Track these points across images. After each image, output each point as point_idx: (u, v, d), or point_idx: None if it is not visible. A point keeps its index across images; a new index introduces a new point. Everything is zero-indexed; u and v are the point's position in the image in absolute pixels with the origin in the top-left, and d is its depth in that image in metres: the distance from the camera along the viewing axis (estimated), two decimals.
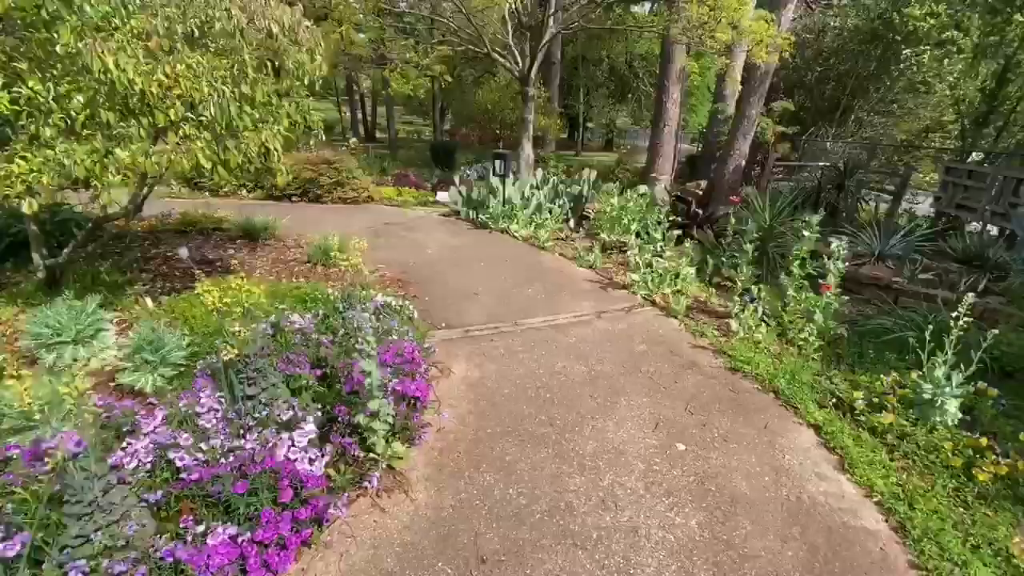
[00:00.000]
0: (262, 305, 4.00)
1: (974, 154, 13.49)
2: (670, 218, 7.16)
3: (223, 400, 2.77)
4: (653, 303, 5.53)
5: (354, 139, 18.18)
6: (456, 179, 8.68)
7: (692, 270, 6.17)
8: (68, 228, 5.35)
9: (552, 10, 11.13)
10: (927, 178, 13.63)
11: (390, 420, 2.83)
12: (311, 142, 4.98)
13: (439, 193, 10.26)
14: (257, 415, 2.73)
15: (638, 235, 7.32)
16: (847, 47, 15.61)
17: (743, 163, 12.99)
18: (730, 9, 9.20)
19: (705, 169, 16.71)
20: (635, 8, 19.55)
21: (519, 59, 10.73)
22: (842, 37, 15.60)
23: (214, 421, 2.65)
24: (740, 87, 13.87)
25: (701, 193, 7.69)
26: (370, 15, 9.76)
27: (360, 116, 32.54)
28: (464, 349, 4.33)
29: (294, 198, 9.21)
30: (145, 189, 4.82)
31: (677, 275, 6.01)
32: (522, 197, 8.39)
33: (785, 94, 15.64)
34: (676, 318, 5.16)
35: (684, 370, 4.13)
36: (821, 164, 13.27)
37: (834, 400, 3.84)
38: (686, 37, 10.19)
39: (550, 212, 8.33)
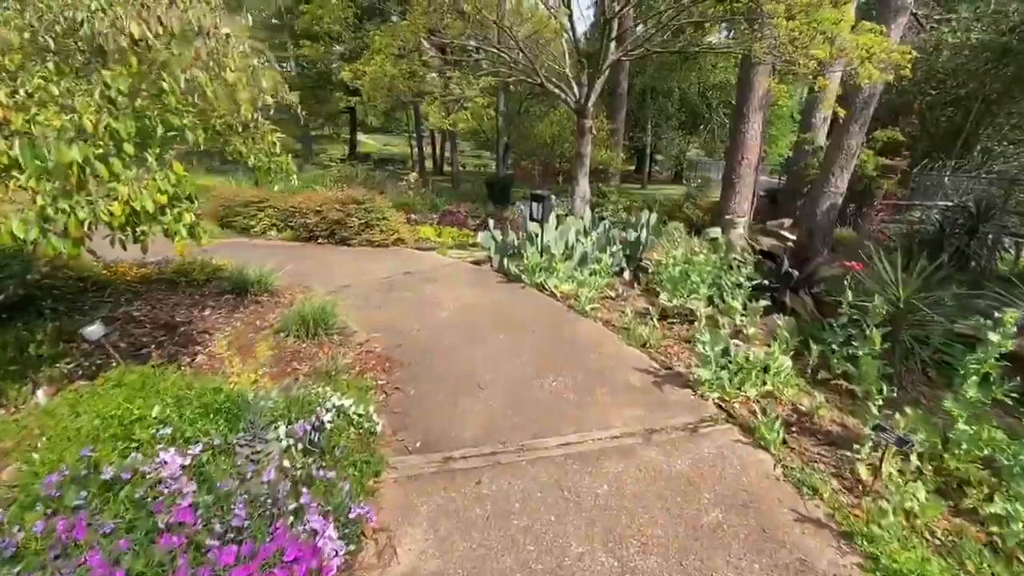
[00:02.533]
0: (138, 427, 2.65)
1: None
2: (753, 280, 5.25)
3: None
4: (730, 416, 3.68)
5: (414, 174, 17.41)
6: (490, 221, 7.24)
7: (787, 360, 4.25)
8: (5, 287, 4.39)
9: (613, 34, 9.60)
10: None
11: None
12: (274, 185, 3.71)
13: (480, 233, 8.88)
14: None
15: (710, 301, 5.46)
16: (968, 66, 12.83)
17: (840, 201, 10.64)
18: (829, 22, 7.25)
19: (789, 206, 14.25)
20: (710, 39, 17.53)
21: (576, 89, 9.26)
22: (963, 55, 12.85)
23: None
24: (832, 113, 11.60)
25: (793, 244, 5.71)
26: (418, 43, 8.69)
27: (431, 150, 32.56)
28: (433, 498, 2.75)
29: (320, 240, 8.17)
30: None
31: (766, 368, 4.12)
32: (565, 246, 6.77)
33: (888, 122, 13.09)
34: (769, 449, 3.29)
35: None
36: (941, 203, 10.61)
37: None
38: (772, 56, 8.23)
39: (598, 263, 6.64)
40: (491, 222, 7.27)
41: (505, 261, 6.83)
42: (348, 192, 8.25)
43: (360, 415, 3.19)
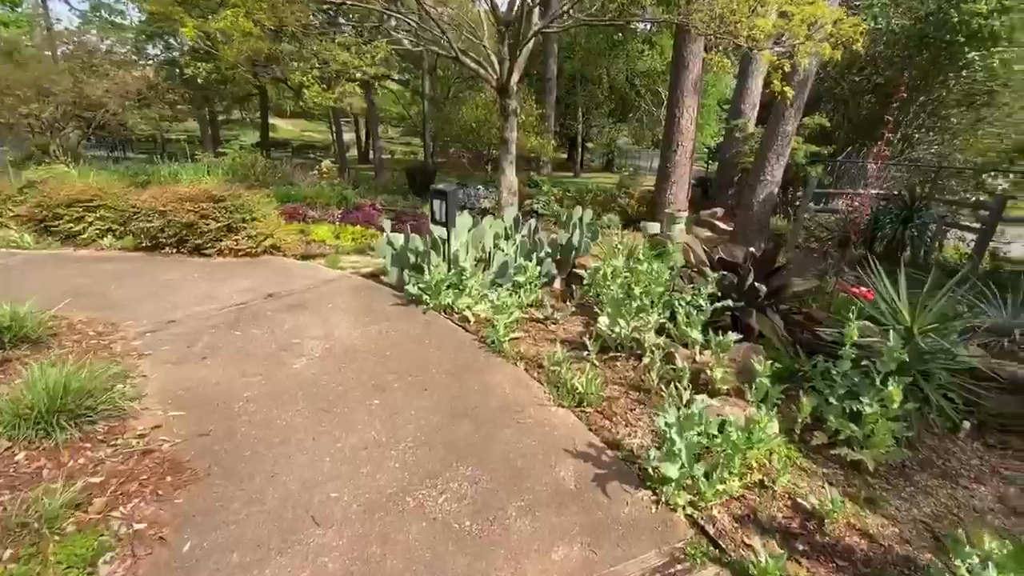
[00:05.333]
0: None
1: None
2: (716, 303, 3.91)
3: None
4: (713, 543, 2.28)
5: (326, 162, 15.10)
6: (386, 223, 5.50)
7: (774, 424, 2.93)
8: None
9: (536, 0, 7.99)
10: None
11: None
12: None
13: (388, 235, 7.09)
14: None
15: (662, 328, 4.09)
16: (885, 54, 12.40)
17: (776, 190, 9.76)
18: None
19: (721, 195, 13.43)
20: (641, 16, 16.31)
21: (496, 65, 7.61)
22: (881, 42, 12.36)
23: None
24: (761, 99, 10.77)
25: (759, 252, 4.44)
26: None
27: (355, 137, 29.77)
28: None
29: (168, 249, 6.08)
30: None
31: (749, 435, 2.77)
32: (481, 252, 5.20)
33: (810, 108, 12.42)
34: None
35: None
36: (873, 192, 9.97)
37: None
38: (712, 28, 6.89)
39: (523, 273, 5.13)
40: (388, 223, 5.52)
41: (405, 275, 5.15)
42: (202, 187, 6.19)
43: None
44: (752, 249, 4.41)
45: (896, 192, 9.07)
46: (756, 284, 4.11)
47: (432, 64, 19.47)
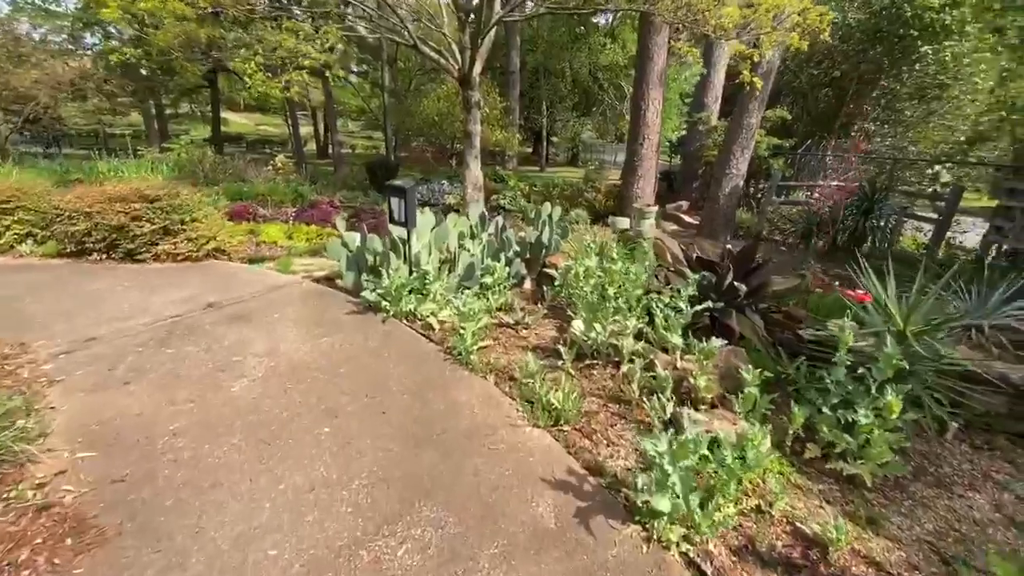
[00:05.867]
0: None
1: None
2: (696, 305, 3.66)
3: None
4: None
5: (281, 156, 14.29)
6: (340, 223, 5.02)
7: (767, 440, 2.70)
8: None
9: None
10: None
11: None
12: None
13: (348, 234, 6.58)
14: None
15: (640, 333, 3.82)
16: (841, 48, 12.57)
17: (741, 183, 9.73)
18: None
19: (686, 188, 13.41)
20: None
21: (458, 55, 7.19)
22: (838, 36, 12.52)
23: None
24: (723, 92, 10.71)
25: (738, 251, 4.24)
26: None
27: (313, 131, 28.60)
28: None
29: (96, 255, 5.43)
30: None
31: (742, 456, 2.53)
32: (445, 253, 4.82)
33: (771, 101, 12.50)
34: None
35: None
36: (834, 183, 10.05)
37: None
38: (677, 17, 6.65)
39: (491, 274, 4.78)
40: (342, 223, 5.05)
41: (362, 279, 4.72)
42: (134, 186, 5.54)
43: None
44: (729, 246, 4.21)
45: (857, 184, 9.15)
46: (736, 283, 3.89)
47: (392, 55, 18.76)
